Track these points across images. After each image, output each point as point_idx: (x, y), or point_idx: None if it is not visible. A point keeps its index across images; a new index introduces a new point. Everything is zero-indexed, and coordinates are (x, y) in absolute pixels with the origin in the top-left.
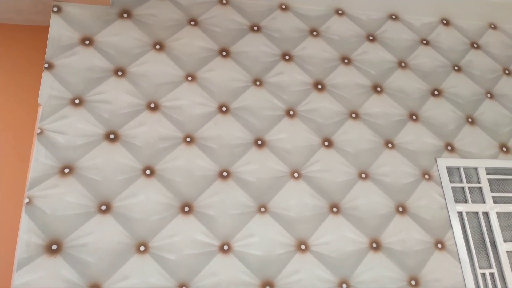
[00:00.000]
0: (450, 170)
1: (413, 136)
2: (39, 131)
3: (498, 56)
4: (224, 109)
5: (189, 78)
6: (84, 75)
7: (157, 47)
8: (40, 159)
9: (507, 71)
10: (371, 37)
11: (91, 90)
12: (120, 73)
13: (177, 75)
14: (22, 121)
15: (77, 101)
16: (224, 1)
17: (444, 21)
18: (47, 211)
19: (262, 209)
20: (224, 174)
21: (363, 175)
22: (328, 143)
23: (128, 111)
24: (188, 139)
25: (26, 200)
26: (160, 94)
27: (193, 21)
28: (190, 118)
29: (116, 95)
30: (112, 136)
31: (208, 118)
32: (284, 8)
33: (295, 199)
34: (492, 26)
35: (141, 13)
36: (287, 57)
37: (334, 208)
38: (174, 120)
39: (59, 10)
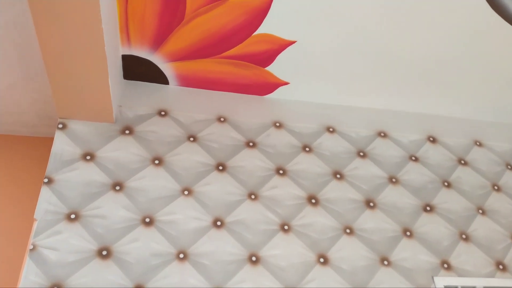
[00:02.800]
0: None
1: (409, 253)
2: (31, 247)
3: (486, 173)
4: (218, 223)
5: (186, 192)
6: (82, 190)
7: (156, 162)
8: (29, 277)
9: (496, 187)
10: (361, 153)
11: (88, 205)
12: (118, 187)
13: (173, 189)
14: (17, 235)
15: (72, 216)
16: (222, 119)
17: (431, 139)
18: None
19: None
20: None
21: None
22: (323, 259)
23: (122, 226)
24: (181, 255)
25: None
26: (156, 208)
27: (192, 137)
28: (184, 233)
29: (112, 210)
30: (104, 253)
31: (202, 233)
32: (278, 125)
33: None
34: (478, 144)
35: (143, 129)
36: (281, 172)
37: None
38: (168, 235)
39: (64, 126)
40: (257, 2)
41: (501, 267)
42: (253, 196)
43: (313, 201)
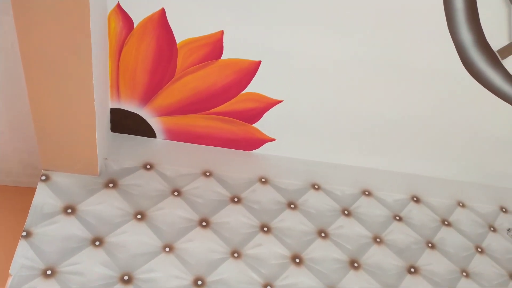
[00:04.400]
0: None
1: None
2: None
3: (469, 234)
4: (199, 282)
5: (167, 249)
6: (60, 245)
7: (138, 216)
8: None
9: (479, 249)
10: (346, 212)
11: (65, 261)
12: (97, 242)
13: (155, 245)
14: None
15: (49, 272)
16: (207, 174)
17: (415, 198)
18: None
19: None
20: None
21: None
22: None
23: (99, 284)
24: None
25: None
26: (135, 265)
27: (177, 192)
28: None
29: (90, 267)
30: None
31: None
32: (264, 181)
33: None
34: (461, 204)
35: (127, 183)
36: (265, 229)
37: None
38: None
39: (47, 178)
40: (246, 64)
41: None
42: (236, 255)
43: (297, 260)
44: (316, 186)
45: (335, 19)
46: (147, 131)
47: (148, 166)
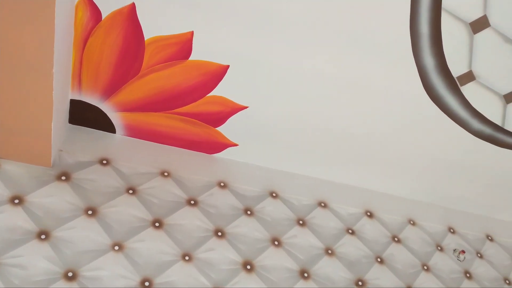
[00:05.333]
0: None
1: None
2: None
3: (418, 252)
4: (146, 283)
5: (116, 248)
6: (3, 235)
7: (89, 212)
8: None
9: (425, 267)
10: (301, 222)
11: (8, 252)
12: (43, 236)
13: (104, 243)
14: None
15: None
16: (165, 174)
17: (368, 213)
18: None
19: None
20: None
21: None
22: None
23: (41, 279)
24: None
25: None
26: (81, 262)
27: (132, 190)
28: None
29: (34, 260)
30: None
31: None
32: (223, 185)
33: None
34: (411, 222)
35: (81, 177)
36: (219, 234)
37: None
38: None
39: None
40: (214, 67)
41: None
42: (187, 258)
43: (249, 267)
44: (274, 194)
45: (305, 35)
46: (106, 126)
47: (104, 162)
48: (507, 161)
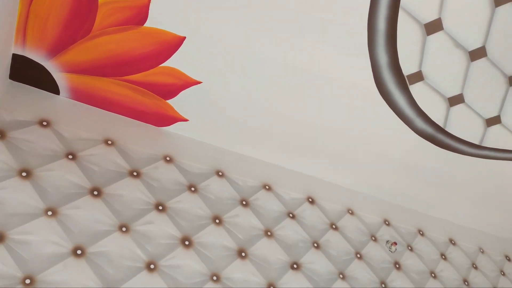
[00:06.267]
0: None
1: None
2: None
3: (353, 240)
4: (79, 252)
5: (49, 213)
6: None
7: (23, 174)
8: None
9: (358, 255)
10: (244, 202)
11: None
12: None
13: (36, 207)
14: None
15: None
16: (109, 142)
17: (310, 200)
18: None
19: None
20: None
21: None
22: None
23: None
24: (28, 281)
25: None
26: (10, 225)
27: (71, 155)
28: (37, 257)
29: None
30: None
31: (57, 260)
32: (169, 160)
33: None
34: (350, 212)
35: (17, 136)
36: (160, 208)
37: None
38: (18, 258)
39: None
40: (170, 37)
41: None
42: (124, 229)
43: (187, 243)
44: (220, 173)
45: (262, 18)
46: (50, 86)
47: (44, 123)
48: (444, 162)
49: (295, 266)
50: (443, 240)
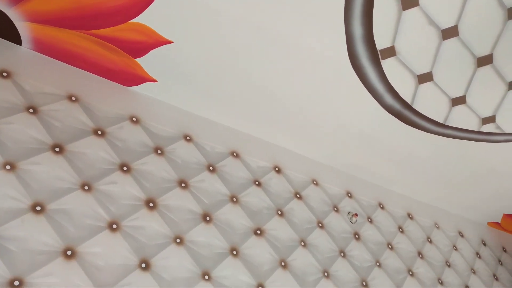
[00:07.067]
0: None
1: (230, 271)
2: None
3: (316, 210)
4: (38, 208)
5: (8, 167)
6: None
7: None
8: None
9: (320, 225)
10: (211, 168)
11: None
12: None
13: None
14: None
15: None
16: (73, 98)
17: (277, 169)
18: None
19: None
20: (16, 284)
21: None
22: (145, 265)
23: None
24: None
25: None
26: None
27: (32, 109)
28: None
29: None
30: None
31: (15, 215)
32: (135, 121)
33: None
34: (314, 182)
35: None
36: (125, 168)
37: None
38: None
39: None
40: None
41: None
42: (86, 187)
43: (151, 205)
44: (188, 138)
45: None
46: (11, 35)
47: (4, 74)
48: (408, 139)
49: (258, 232)
50: (401, 214)
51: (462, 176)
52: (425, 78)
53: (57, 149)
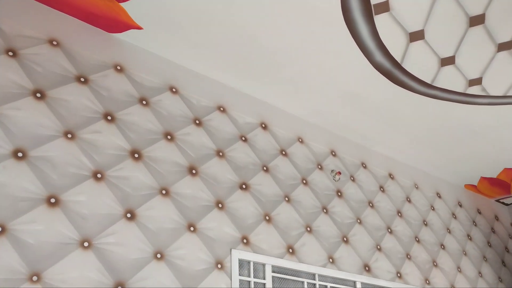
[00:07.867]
0: (241, 263)
1: (215, 224)
2: None
3: (300, 167)
4: (20, 154)
5: None
6: None
7: None
8: None
9: (304, 181)
10: (197, 121)
11: None
12: None
13: None
14: None
15: None
16: (54, 43)
17: (263, 125)
18: None
19: (35, 278)
20: None
21: (159, 255)
22: (130, 215)
23: None
24: None
25: None
26: None
27: (12, 52)
28: None
29: None
30: None
31: None
32: (119, 69)
33: (77, 271)
34: (300, 140)
35: None
36: (109, 118)
37: (119, 287)
38: None
39: None
40: None
41: (290, 250)
42: (69, 135)
43: (136, 155)
44: (174, 90)
45: None
46: None
47: None
48: (395, 98)
49: (243, 186)
50: (383, 174)
51: (442, 138)
52: (416, 36)
53: (38, 95)
